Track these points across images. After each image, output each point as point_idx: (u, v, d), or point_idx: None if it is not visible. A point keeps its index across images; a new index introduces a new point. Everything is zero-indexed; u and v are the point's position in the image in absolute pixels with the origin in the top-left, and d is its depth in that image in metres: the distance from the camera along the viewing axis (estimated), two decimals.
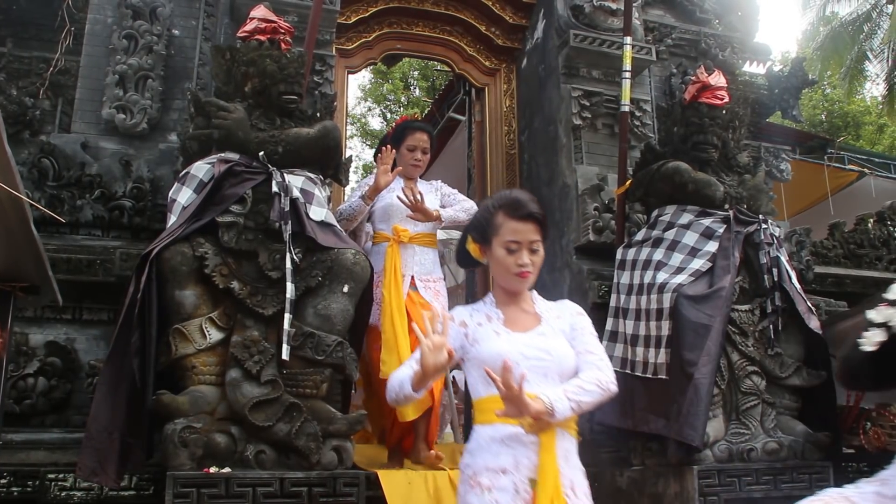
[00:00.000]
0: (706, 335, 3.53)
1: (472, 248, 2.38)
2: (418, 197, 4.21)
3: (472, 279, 5.97)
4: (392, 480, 3.67)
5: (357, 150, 21.36)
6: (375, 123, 21.22)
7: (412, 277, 4.27)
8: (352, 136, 20.71)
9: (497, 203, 2.31)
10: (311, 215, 3.33)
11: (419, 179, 4.63)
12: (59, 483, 3.30)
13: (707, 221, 3.94)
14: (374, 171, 4.45)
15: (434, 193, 4.57)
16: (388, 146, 4.39)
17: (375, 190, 4.23)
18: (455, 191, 4.68)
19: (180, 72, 4.60)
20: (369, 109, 21.31)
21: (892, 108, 16.00)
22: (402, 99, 20.24)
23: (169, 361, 3.07)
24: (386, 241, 4.33)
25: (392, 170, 4.28)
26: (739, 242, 3.89)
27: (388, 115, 20.65)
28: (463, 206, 4.49)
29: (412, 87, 20.30)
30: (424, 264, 4.36)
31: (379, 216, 4.42)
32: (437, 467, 3.91)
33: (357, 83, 20.99)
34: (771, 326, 3.83)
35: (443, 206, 4.48)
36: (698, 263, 3.81)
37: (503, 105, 5.77)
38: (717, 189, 4.00)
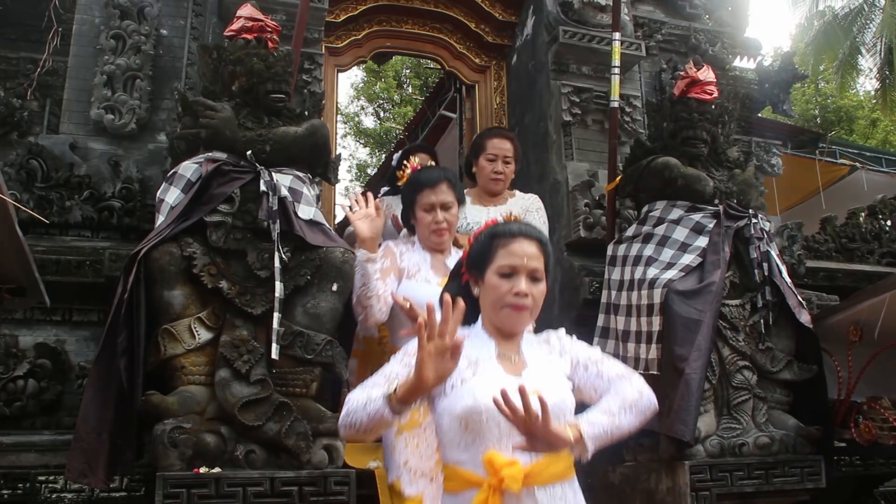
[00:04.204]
0: (697, 330, 3.53)
1: None
2: (536, 402, 1.87)
3: None
4: (386, 479, 3.67)
5: (351, 149, 21.37)
6: (369, 122, 21.22)
7: None
8: (345, 135, 20.74)
9: None
10: (300, 214, 3.31)
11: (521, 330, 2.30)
12: (50, 485, 3.28)
13: (697, 216, 3.94)
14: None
15: (552, 358, 2.24)
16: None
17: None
18: (597, 352, 2.30)
19: (169, 71, 4.58)
20: (362, 108, 21.30)
21: (885, 102, 16.05)
22: (395, 97, 20.22)
23: (158, 362, 3.06)
24: (472, 486, 2.00)
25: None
26: (729, 237, 3.89)
27: (381, 114, 20.64)
28: (623, 395, 2.16)
29: (405, 86, 20.29)
30: None
31: (451, 433, 2.06)
32: None
33: (350, 82, 21.02)
34: (762, 321, 3.83)
35: (577, 389, 2.21)
36: (688, 258, 3.81)
37: (493, 102, 5.77)
38: (707, 184, 4.00)
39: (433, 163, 4.73)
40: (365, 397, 2.03)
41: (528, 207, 4.10)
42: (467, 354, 2.10)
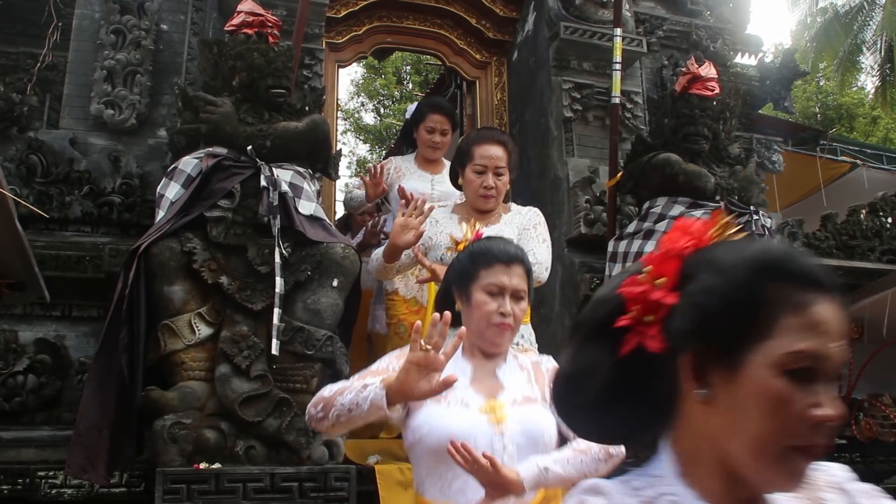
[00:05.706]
0: None
1: None
2: None
3: None
4: (387, 474, 3.66)
5: (351, 146, 21.35)
6: (368, 118, 21.20)
7: None
8: (345, 132, 20.71)
9: None
10: (300, 209, 3.31)
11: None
12: (50, 481, 3.28)
13: (698, 213, 3.93)
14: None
15: None
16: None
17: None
18: None
19: (169, 67, 4.57)
20: (362, 105, 21.28)
21: (885, 99, 16.04)
22: (395, 93, 20.20)
23: (158, 357, 3.06)
24: None
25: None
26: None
27: (381, 110, 20.62)
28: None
29: (405, 82, 20.27)
30: None
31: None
32: None
33: (350, 78, 20.99)
34: None
35: None
36: None
37: (494, 98, 5.75)
38: (708, 180, 4.00)
39: (448, 127, 4.43)
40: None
41: (525, 225, 3.43)
42: None
